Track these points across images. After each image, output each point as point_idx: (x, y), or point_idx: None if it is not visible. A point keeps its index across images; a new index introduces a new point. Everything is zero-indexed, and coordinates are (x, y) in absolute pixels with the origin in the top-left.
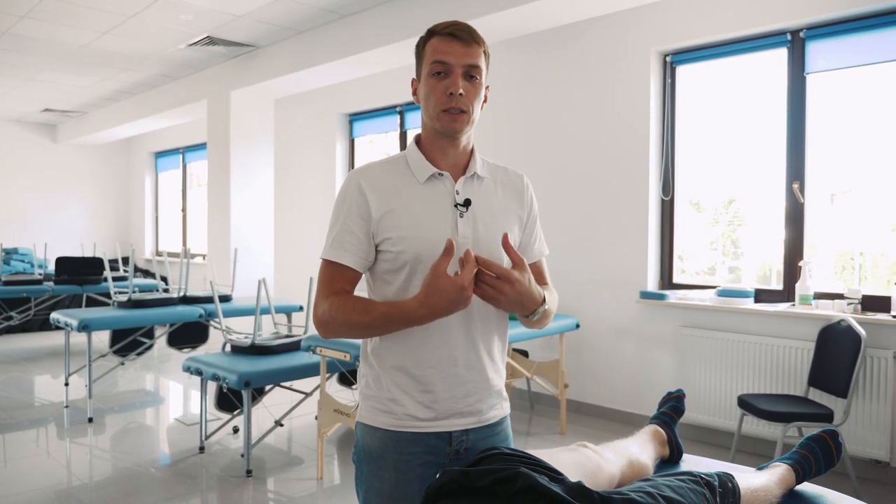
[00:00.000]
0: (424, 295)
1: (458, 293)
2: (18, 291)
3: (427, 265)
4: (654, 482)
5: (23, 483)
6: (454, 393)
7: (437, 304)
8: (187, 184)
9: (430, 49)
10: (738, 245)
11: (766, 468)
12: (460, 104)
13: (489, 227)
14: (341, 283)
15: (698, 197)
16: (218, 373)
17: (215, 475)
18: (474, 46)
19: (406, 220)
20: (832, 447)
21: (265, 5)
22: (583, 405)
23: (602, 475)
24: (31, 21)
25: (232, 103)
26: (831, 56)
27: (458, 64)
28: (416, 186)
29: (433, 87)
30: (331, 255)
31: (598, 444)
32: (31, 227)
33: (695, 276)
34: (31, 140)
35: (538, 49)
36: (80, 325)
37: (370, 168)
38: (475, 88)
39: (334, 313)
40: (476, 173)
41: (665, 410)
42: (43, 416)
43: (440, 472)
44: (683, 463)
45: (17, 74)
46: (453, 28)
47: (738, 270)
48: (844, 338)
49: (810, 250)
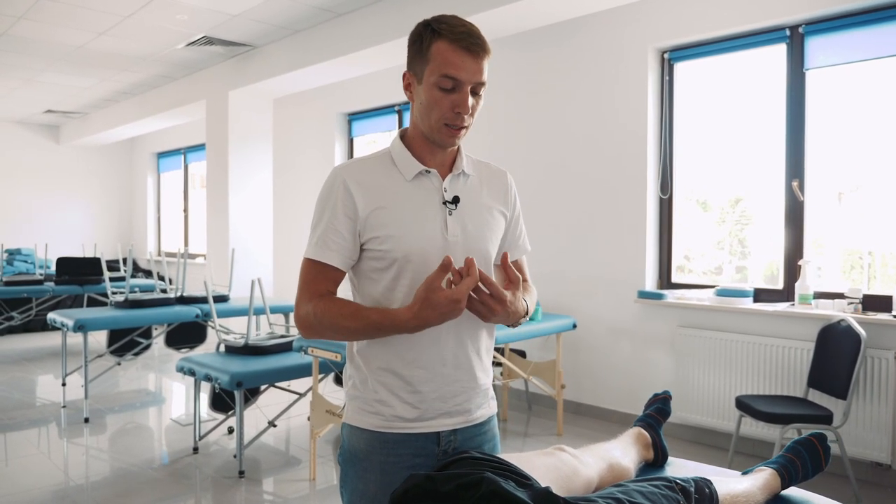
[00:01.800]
0: (418, 308)
1: (452, 307)
2: (19, 292)
3: (416, 264)
4: (626, 488)
5: (19, 483)
6: (442, 393)
7: (429, 317)
8: (189, 184)
9: (439, 57)
10: (745, 244)
11: (751, 473)
12: (465, 122)
13: (477, 225)
14: (325, 284)
15: (702, 196)
16: (210, 373)
17: (209, 476)
18: (483, 60)
19: (394, 218)
20: (820, 451)
21: (260, 4)
22: (581, 406)
23: (578, 479)
24: (28, 22)
25: (230, 103)
26: (831, 52)
27: (469, 81)
28: (403, 184)
29: (438, 100)
30: (316, 254)
31: (581, 447)
32: (35, 228)
33: (702, 275)
34: (35, 141)
35: (534, 46)
36: (76, 326)
37: (355, 165)
38: (478, 103)
39: (320, 316)
40: (463, 171)
41: (650, 413)
42: (40, 416)
43: (406, 477)
44: (669, 466)
45: (17, 76)
46: (468, 42)
47: (745, 270)
48: (844, 338)
49: (817, 249)
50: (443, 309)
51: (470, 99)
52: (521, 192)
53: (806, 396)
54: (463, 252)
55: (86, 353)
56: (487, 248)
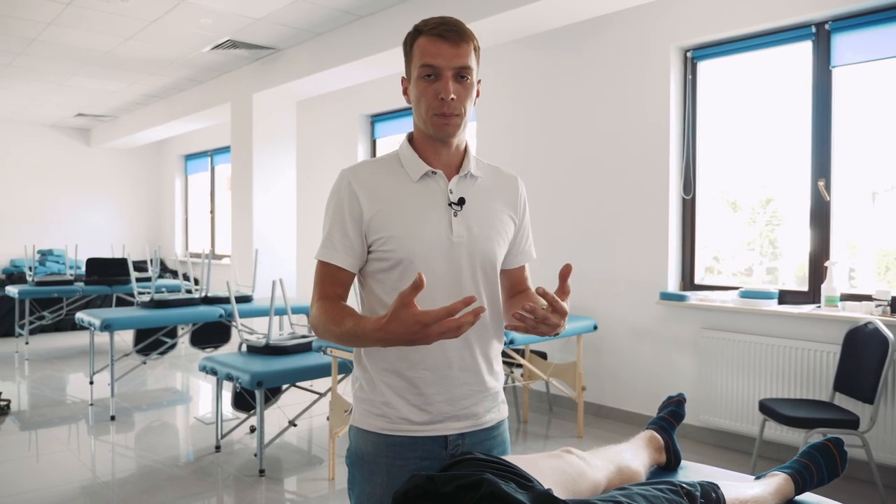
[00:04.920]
0: (386, 320)
1: (419, 328)
2: (50, 292)
3: (419, 265)
4: (629, 491)
5: (47, 478)
6: (449, 396)
7: (394, 332)
8: (216, 186)
9: (419, 50)
10: (776, 245)
11: (764, 477)
12: (452, 108)
13: (483, 227)
14: (333, 285)
15: (732, 196)
16: (232, 373)
17: (231, 474)
18: (464, 46)
19: (397, 219)
20: (836, 456)
21: (283, 8)
22: (602, 408)
23: (585, 482)
24: (57, 28)
25: (254, 105)
26: (859, 48)
27: (448, 66)
28: (409, 185)
29: (423, 90)
30: (323, 255)
31: (590, 450)
32: (66, 229)
33: (731, 277)
34: (67, 144)
35: (556, 45)
36: (103, 325)
37: (361, 167)
38: (466, 89)
39: (320, 318)
40: (470, 172)
41: (664, 415)
42: (69, 413)
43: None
44: (682, 470)
45: (49, 80)
46: (441, 28)
47: (775, 271)
48: (872, 341)
49: (850, 250)
50: (410, 328)
51: (452, 84)
52: (543, 192)
53: (832, 400)
54: (468, 253)
55: (112, 353)
56: (494, 249)
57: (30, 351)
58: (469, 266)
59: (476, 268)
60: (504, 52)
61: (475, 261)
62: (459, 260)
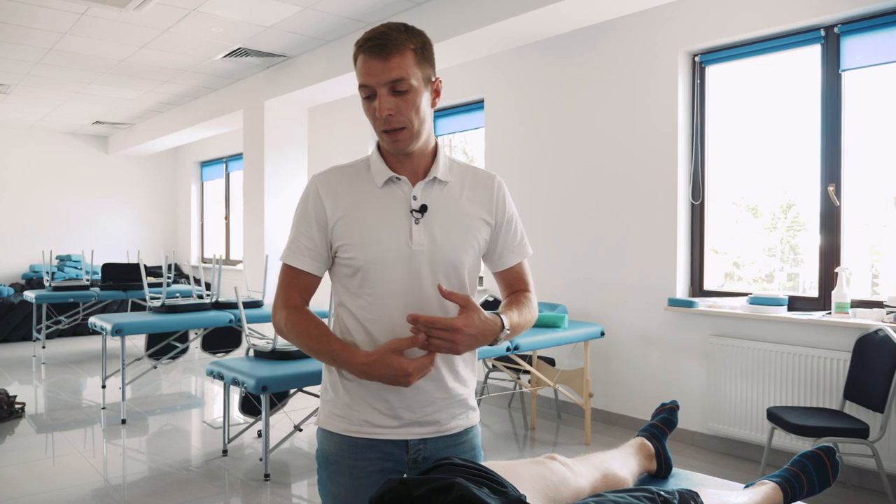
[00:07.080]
0: (373, 360)
1: (402, 376)
2: (66, 297)
3: (377, 273)
4: (603, 498)
5: (59, 481)
6: (410, 402)
7: (378, 373)
8: (231, 192)
9: (357, 69)
10: (797, 251)
11: (753, 486)
12: (394, 123)
13: (448, 234)
14: (297, 290)
15: (752, 201)
16: (238, 377)
17: (237, 478)
18: (395, 58)
19: (358, 227)
20: (827, 464)
21: (292, 16)
22: (611, 415)
23: (567, 489)
24: (73, 37)
25: (266, 112)
26: (869, 52)
27: (380, 83)
28: (373, 191)
29: (366, 110)
30: (288, 259)
31: (576, 457)
32: (84, 235)
33: (751, 283)
34: (86, 151)
35: (564, 50)
36: (114, 330)
37: (330, 173)
38: (407, 102)
39: (290, 328)
40: (437, 178)
41: (655, 422)
42: (83, 416)
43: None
44: (673, 478)
45: (67, 88)
46: (367, 45)
47: (797, 277)
48: (882, 348)
49: (873, 256)
50: (394, 373)
51: (389, 99)
52: (551, 197)
53: (842, 409)
54: (429, 262)
55: (123, 357)
56: (459, 257)
57: (46, 355)
58: (430, 274)
59: (438, 276)
60: (512, 57)
61: (437, 269)
62: (419, 268)
